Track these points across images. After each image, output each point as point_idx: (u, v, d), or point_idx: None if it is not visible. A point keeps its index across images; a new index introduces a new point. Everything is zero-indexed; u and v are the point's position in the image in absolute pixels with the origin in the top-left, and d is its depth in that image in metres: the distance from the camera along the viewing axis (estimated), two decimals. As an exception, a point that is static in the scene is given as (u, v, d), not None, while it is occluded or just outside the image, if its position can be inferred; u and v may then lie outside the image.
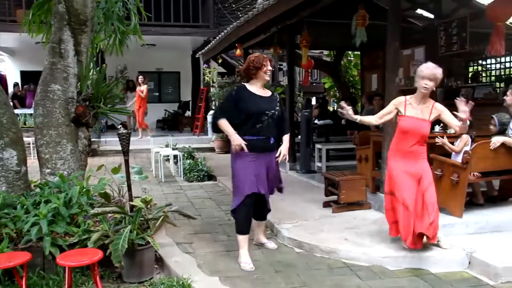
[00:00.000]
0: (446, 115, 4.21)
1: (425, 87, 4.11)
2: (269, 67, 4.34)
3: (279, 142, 4.42)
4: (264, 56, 4.37)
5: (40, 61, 5.99)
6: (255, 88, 4.36)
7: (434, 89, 4.27)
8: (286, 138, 4.46)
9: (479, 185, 5.40)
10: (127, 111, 6.27)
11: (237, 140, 4.17)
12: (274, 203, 6.17)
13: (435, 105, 4.23)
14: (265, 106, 4.28)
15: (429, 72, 4.09)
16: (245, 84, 4.42)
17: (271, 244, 4.70)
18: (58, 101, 4.99)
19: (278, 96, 4.54)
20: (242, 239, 4.31)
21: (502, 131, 5.25)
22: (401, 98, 4.35)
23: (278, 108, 4.36)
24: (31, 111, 8.39)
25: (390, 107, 4.38)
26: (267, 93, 4.44)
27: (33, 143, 8.83)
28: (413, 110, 4.23)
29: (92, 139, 6.01)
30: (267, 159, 4.31)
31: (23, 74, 17.04)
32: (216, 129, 4.38)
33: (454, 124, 4.15)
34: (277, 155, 4.33)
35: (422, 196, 4.21)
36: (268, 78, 4.39)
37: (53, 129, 4.94)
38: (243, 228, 4.31)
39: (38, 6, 5.83)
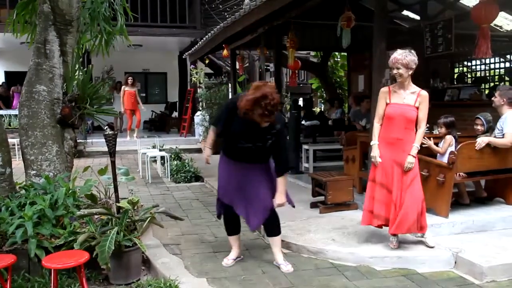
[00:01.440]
0: (421, 110, 4.25)
1: (396, 75, 4.23)
2: (266, 117, 3.66)
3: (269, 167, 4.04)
4: (264, 93, 3.60)
5: (25, 62, 5.93)
6: None
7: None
8: (280, 181, 3.93)
9: (464, 185, 5.45)
10: (113, 112, 6.22)
11: (206, 152, 4.30)
12: (261, 204, 6.17)
13: (420, 93, 4.29)
14: (250, 134, 3.81)
15: (392, 61, 4.23)
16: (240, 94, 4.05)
17: (285, 267, 4.08)
18: (44, 102, 4.94)
19: (278, 127, 3.84)
20: (229, 239, 4.38)
21: (488, 130, 5.32)
22: (385, 89, 4.43)
23: (270, 141, 3.83)
24: (16, 112, 8.30)
25: (382, 102, 4.40)
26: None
27: (18, 144, 8.75)
28: (397, 97, 4.31)
29: (78, 140, 5.97)
30: (249, 171, 3.98)
31: (8, 74, 16.84)
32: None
33: (421, 122, 4.24)
34: (274, 203, 3.99)
35: (408, 187, 4.26)
36: (264, 125, 3.77)
37: (38, 130, 4.89)
38: (227, 229, 4.37)
39: (22, 6, 5.76)
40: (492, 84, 11.41)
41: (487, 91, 10.50)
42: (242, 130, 3.84)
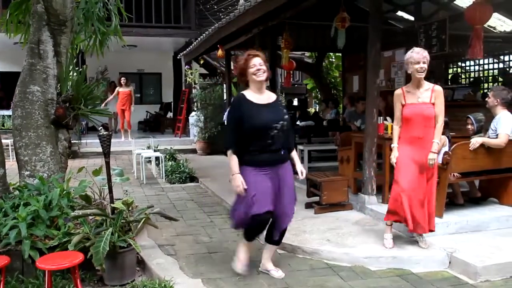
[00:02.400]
0: (437, 105, 4.27)
1: (420, 71, 4.20)
2: (258, 65, 3.69)
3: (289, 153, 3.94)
4: (249, 53, 3.74)
5: (18, 62, 5.90)
6: (255, 95, 3.76)
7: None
8: (295, 155, 4.00)
9: (459, 186, 5.47)
10: (107, 112, 6.20)
11: (236, 180, 3.68)
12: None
13: (434, 88, 4.31)
14: (272, 117, 3.70)
15: (420, 56, 4.20)
16: (244, 92, 3.81)
17: (277, 273, 3.99)
18: (37, 102, 4.91)
19: (282, 101, 4.06)
20: (247, 244, 4.00)
21: (479, 129, 5.34)
22: (398, 91, 4.43)
23: (286, 117, 3.79)
24: (10, 112, 8.26)
25: (398, 106, 4.40)
26: (270, 98, 3.84)
27: (12, 145, 8.70)
28: (412, 97, 4.32)
29: (72, 141, 5.95)
30: (280, 171, 3.79)
31: (1, 75, 16.76)
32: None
33: (438, 117, 4.25)
34: (299, 174, 3.91)
35: (427, 185, 4.29)
36: (260, 79, 3.71)
37: (32, 131, 4.87)
38: (252, 236, 3.96)
39: (15, 6, 5.73)
40: (486, 85, 11.46)
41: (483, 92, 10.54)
42: (262, 117, 3.66)
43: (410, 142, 4.31)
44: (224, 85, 12.89)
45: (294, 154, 4.01)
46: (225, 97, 12.82)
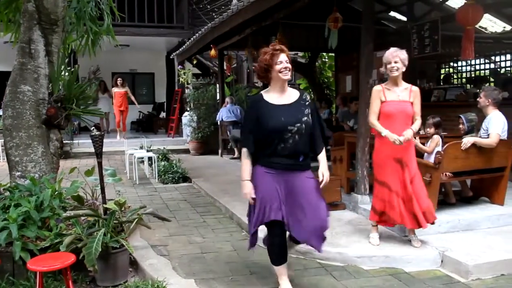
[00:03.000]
0: (415, 104, 4.34)
1: (393, 69, 4.25)
2: (285, 62, 3.38)
3: (312, 159, 3.57)
4: (275, 48, 3.42)
5: (9, 61, 5.86)
6: (274, 95, 3.46)
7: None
8: (322, 158, 3.58)
9: (450, 185, 5.50)
10: (99, 112, 6.17)
11: (246, 187, 3.45)
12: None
13: (412, 88, 4.37)
14: (287, 119, 3.36)
15: (391, 55, 4.26)
16: (262, 92, 3.55)
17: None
18: (29, 102, 4.88)
19: (308, 98, 3.55)
20: (278, 269, 3.63)
21: (470, 129, 5.37)
22: (378, 87, 4.44)
23: (306, 118, 3.41)
24: (0, 112, 8.17)
25: (377, 102, 4.38)
26: (292, 97, 3.49)
27: (2, 146, 8.64)
28: (392, 94, 4.34)
29: (64, 141, 5.90)
30: (294, 180, 3.44)
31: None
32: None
33: (416, 116, 4.34)
34: (320, 179, 3.54)
35: (410, 182, 4.29)
36: (286, 77, 3.41)
37: (23, 131, 4.83)
38: (277, 259, 3.60)
39: (5, 4, 5.69)
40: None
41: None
42: (277, 119, 3.36)
43: (390, 141, 4.30)
44: (217, 85, 12.88)
45: (322, 157, 3.58)
46: (218, 97, 12.81)
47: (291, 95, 3.49)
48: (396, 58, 4.24)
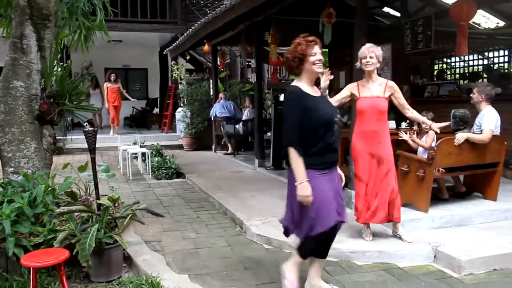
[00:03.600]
0: (398, 97, 4.40)
1: (367, 64, 4.30)
2: (319, 54, 3.21)
3: None
4: (309, 39, 3.23)
5: (1, 57, 5.81)
6: (308, 88, 3.26)
7: (402, 86, 4.40)
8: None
9: (444, 181, 5.52)
10: (92, 108, 6.14)
11: (306, 190, 3.11)
12: (243, 200, 6.19)
13: (388, 83, 4.41)
14: (332, 111, 3.29)
15: (366, 50, 4.32)
16: (297, 84, 3.28)
17: None
18: (21, 98, 4.84)
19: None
20: (302, 262, 3.46)
21: (458, 126, 5.37)
22: (354, 84, 4.52)
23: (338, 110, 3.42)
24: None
25: (345, 92, 4.50)
26: (317, 91, 3.36)
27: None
28: (366, 91, 4.40)
29: (57, 137, 5.87)
30: (335, 175, 3.37)
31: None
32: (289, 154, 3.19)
33: (405, 107, 4.43)
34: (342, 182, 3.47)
35: (383, 179, 4.34)
36: (320, 70, 3.26)
37: (16, 126, 4.80)
38: (323, 252, 3.48)
39: (-4, -1, 5.65)
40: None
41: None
42: (325, 109, 3.24)
43: (366, 136, 4.37)
44: (211, 81, 12.86)
45: None
46: (211, 93, 12.79)
47: (316, 89, 3.35)
48: (371, 53, 4.28)
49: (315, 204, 3.14)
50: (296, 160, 3.14)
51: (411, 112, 4.52)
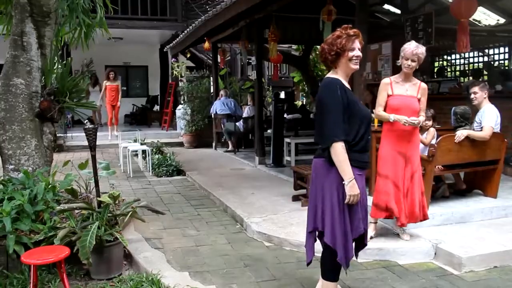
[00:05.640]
0: (423, 101, 4.35)
1: (407, 67, 4.23)
2: (358, 51, 2.99)
3: None
4: (350, 32, 2.98)
5: (1, 54, 5.81)
6: (345, 82, 3.04)
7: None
8: None
9: (444, 178, 5.52)
10: (93, 105, 6.13)
11: (355, 188, 2.88)
12: (243, 198, 6.20)
13: (421, 85, 4.36)
14: (367, 109, 3.16)
15: (409, 52, 4.20)
16: (336, 77, 3.03)
17: None
18: (21, 95, 4.84)
19: None
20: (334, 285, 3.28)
21: (459, 123, 5.36)
22: (386, 80, 4.43)
23: None
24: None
25: (384, 94, 4.37)
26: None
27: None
28: (400, 88, 4.32)
29: (58, 135, 5.87)
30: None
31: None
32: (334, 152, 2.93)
33: (421, 112, 4.34)
34: None
35: (411, 179, 4.30)
36: (355, 67, 3.04)
37: (16, 124, 4.80)
38: (337, 271, 3.28)
39: (-4, -3, 5.63)
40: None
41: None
42: (362, 106, 3.09)
43: (397, 135, 4.31)
44: (211, 78, 12.85)
45: None
46: (212, 90, 12.78)
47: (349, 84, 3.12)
48: (415, 57, 4.18)
49: (351, 207, 2.96)
50: (344, 155, 2.87)
51: (421, 116, 4.39)
